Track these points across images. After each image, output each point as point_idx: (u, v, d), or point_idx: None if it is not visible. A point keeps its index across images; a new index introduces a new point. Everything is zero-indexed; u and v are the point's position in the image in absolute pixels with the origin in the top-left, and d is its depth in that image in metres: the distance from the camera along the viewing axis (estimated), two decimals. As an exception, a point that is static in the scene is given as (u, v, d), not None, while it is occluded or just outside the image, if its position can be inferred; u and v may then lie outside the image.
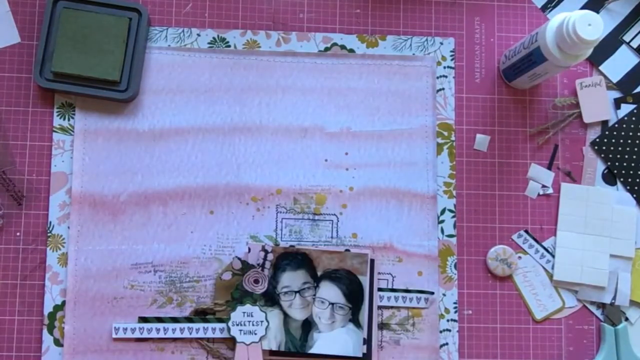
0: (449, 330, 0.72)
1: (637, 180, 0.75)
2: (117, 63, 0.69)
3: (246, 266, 0.70)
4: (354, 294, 0.70)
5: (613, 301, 0.73)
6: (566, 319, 0.73)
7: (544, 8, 0.77)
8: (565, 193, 0.75)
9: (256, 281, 0.69)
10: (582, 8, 0.77)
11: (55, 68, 0.68)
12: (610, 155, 0.75)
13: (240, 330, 0.68)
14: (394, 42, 0.75)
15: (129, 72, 0.70)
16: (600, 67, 0.76)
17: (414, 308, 0.71)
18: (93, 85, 0.69)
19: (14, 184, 0.69)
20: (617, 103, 0.76)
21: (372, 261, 0.71)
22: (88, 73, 0.69)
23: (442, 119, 0.74)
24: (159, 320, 0.68)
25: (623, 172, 0.75)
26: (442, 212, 0.73)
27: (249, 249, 0.70)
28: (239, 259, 0.70)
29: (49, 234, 0.69)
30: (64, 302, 0.68)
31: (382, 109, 0.74)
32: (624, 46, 0.77)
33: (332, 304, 0.70)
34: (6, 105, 0.71)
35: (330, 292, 0.70)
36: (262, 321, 0.68)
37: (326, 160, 0.73)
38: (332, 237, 0.72)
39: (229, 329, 0.68)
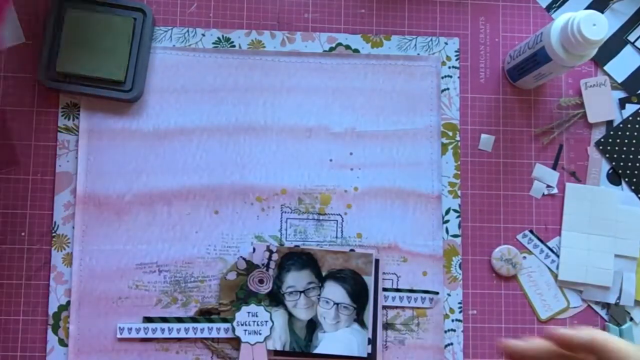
0: (454, 330, 0.72)
1: (642, 180, 0.75)
2: (122, 63, 0.69)
3: (251, 266, 0.70)
4: (359, 294, 0.70)
5: (618, 301, 0.73)
6: (571, 319, 0.73)
7: (549, 8, 0.77)
8: (570, 193, 0.75)
9: (261, 281, 0.69)
10: (587, 8, 0.76)
11: (60, 68, 0.68)
12: (615, 155, 0.75)
13: (245, 330, 0.68)
14: (398, 42, 0.75)
15: (133, 72, 0.70)
16: (605, 67, 0.76)
17: (418, 308, 0.71)
18: (98, 86, 0.69)
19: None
20: (622, 103, 0.76)
21: (377, 261, 0.71)
22: (93, 73, 0.69)
23: (447, 119, 0.74)
24: (164, 320, 0.68)
25: (628, 172, 0.75)
26: (447, 212, 0.73)
27: (254, 249, 0.70)
28: (244, 259, 0.70)
29: (53, 234, 0.69)
30: (68, 302, 0.68)
31: (387, 109, 0.74)
32: (628, 46, 0.77)
33: (337, 304, 0.70)
34: (11, 105, 0.71)
35: (335, 292, 0.70)
36: (266, 321, 0.68)
37: (331, 160, 0.73)
38: (336, 237, 0.72)
39: (233, 329, 0.68)
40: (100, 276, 0.69)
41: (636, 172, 0.75)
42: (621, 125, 0.76)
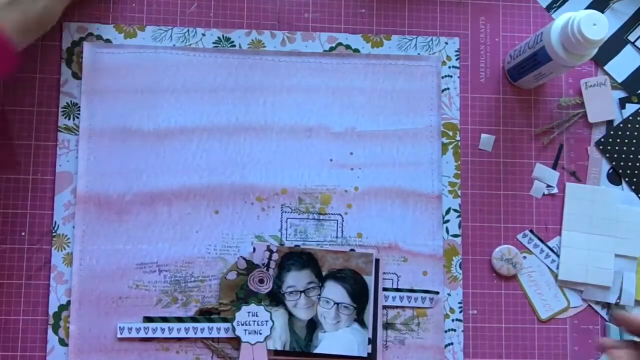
0: (454, 330, 0.72)
1: (642, 180, 0.75)
2: None
3: (251, 266, 0.70)
4: (359, 294, 0.70)
5: (618, 301, 0.73)
6: (571, 319, 0.73)
7: (549, 8, 0.77)
8: (571, 193, 0.75)
9: (261, 281, 0.69)
10: (587, 8, 0.77)
11: None
12: (616, 155, 0.75)
13: (246, 330, 0.68)
14: (399, 42, 0.75)
15: None
16: (606, 67, 0.76)
17: (419, 308, 0.71)
18: None
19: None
20: (622, 103, 0.76)
21: (378, 261, 0.71)
22: None
23: (447, 119, 0.74)
24: (164, 320, 0.68)
25: (628, 172, 0.75)
26: (448, 212, 0.73)
27: (254, 249, 0.70)
28: (244, 259, 0.70)
29: (54, 234, 0.69)
30: (69, 302, 0.68)
31: (388, 109, 0.74)
32: (629, 46, 0.77)
33: (338, 304, 0.70)
34: (11, 105, 0.71)
35: (335, 292, 0.70)
36: (267, 321, 0.68)
37: (331, 160, 0.73)
38: (337, 237, 0.72)
39: (234, 329, 0.68)
40: (100, 276, 0.69)
41: (637, 172, 0.75)
42: (621, 125, 0.76)
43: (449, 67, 0.75)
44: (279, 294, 0.69)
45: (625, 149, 0.75)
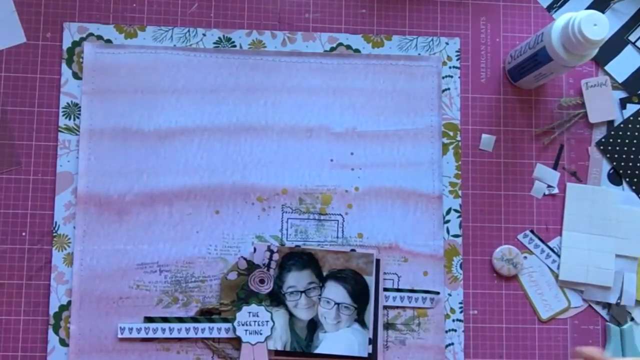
0: (455, 330, 0.72)
1: (643, 180, 0.75)
2: None
3: (252, 266, 0.70)
4: (360, 294, 0.70)
5: (619, 301, 0.73)
6: (572, 319, 0.73)
7: (550, 8, 0.77)
8: (571, 193, 0.75)
9: (262, 281, 0.69)
10: (588, 8, 0.77)
11: None
12: (616, 155, 0.75)
13: (246, 330, 0.68)
14: (399, 42, 0.75)
15: None
16: (606, 67, 0.76)
17: (419, 308, 0.71)
18: None
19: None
20: (623, 103, 0.76)
21: (378, 261, 0.71)
22: None
23: (448, 119, 0.74)
24: (165, 320, 0.68)
25: (629, 172, 0.75)
26: (448, 212, 0.73)
27: (255, 249, 0.70)
28: (245, 259, 0.70)
29: (54, 234, 0.69)
30: (69, 302, 0.68)
31: (388, 109, 0.74)
32: (629, 46, 0.77)
33: (338, 304, 0.70)
34: (12, 105, 0.71)
35: (335, 292, 0.70)
36: (267, 321, 0.68)
37: (332, 160, 0.73)
38: (337, 237, 0.72)
39: (234, 329, 0.68)
40: (101, 276, 0.69)
41: (637, 172, 0.75)
42: (622, 125, 0.76)
43: (449, 67, 0.75)
44: (279, 294, 0.69)
45: (625, 149, 0.75)
